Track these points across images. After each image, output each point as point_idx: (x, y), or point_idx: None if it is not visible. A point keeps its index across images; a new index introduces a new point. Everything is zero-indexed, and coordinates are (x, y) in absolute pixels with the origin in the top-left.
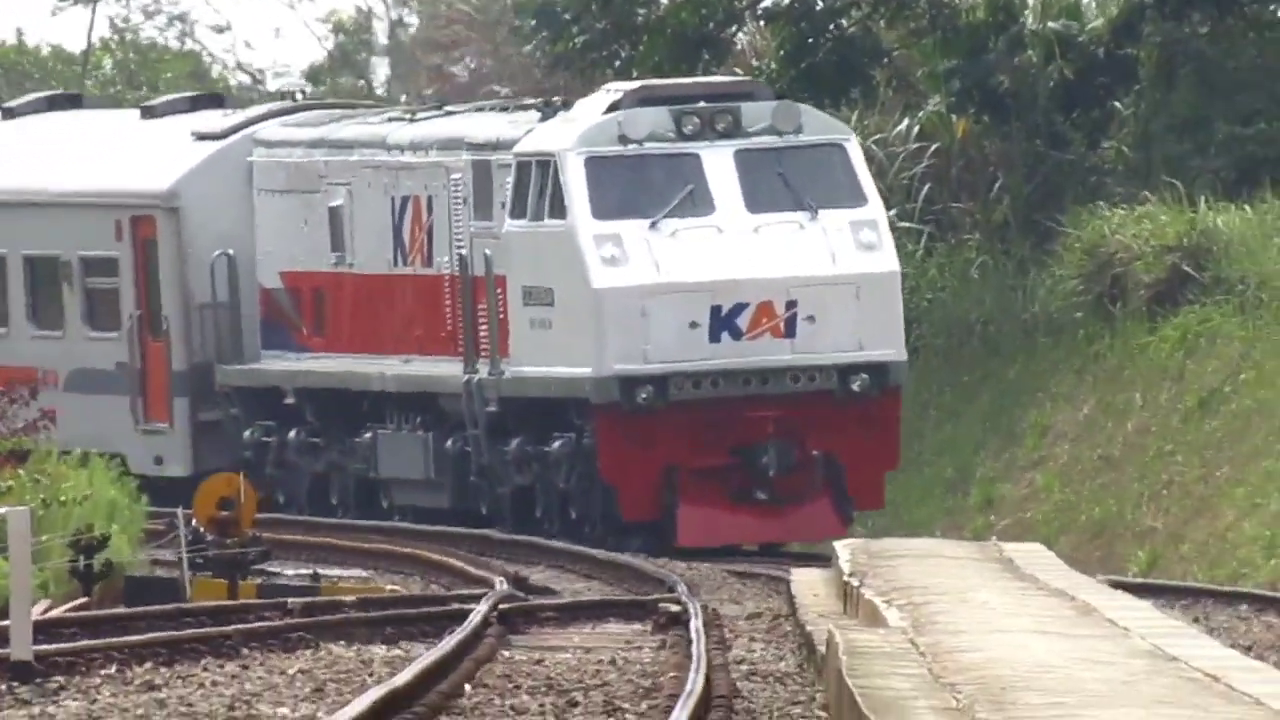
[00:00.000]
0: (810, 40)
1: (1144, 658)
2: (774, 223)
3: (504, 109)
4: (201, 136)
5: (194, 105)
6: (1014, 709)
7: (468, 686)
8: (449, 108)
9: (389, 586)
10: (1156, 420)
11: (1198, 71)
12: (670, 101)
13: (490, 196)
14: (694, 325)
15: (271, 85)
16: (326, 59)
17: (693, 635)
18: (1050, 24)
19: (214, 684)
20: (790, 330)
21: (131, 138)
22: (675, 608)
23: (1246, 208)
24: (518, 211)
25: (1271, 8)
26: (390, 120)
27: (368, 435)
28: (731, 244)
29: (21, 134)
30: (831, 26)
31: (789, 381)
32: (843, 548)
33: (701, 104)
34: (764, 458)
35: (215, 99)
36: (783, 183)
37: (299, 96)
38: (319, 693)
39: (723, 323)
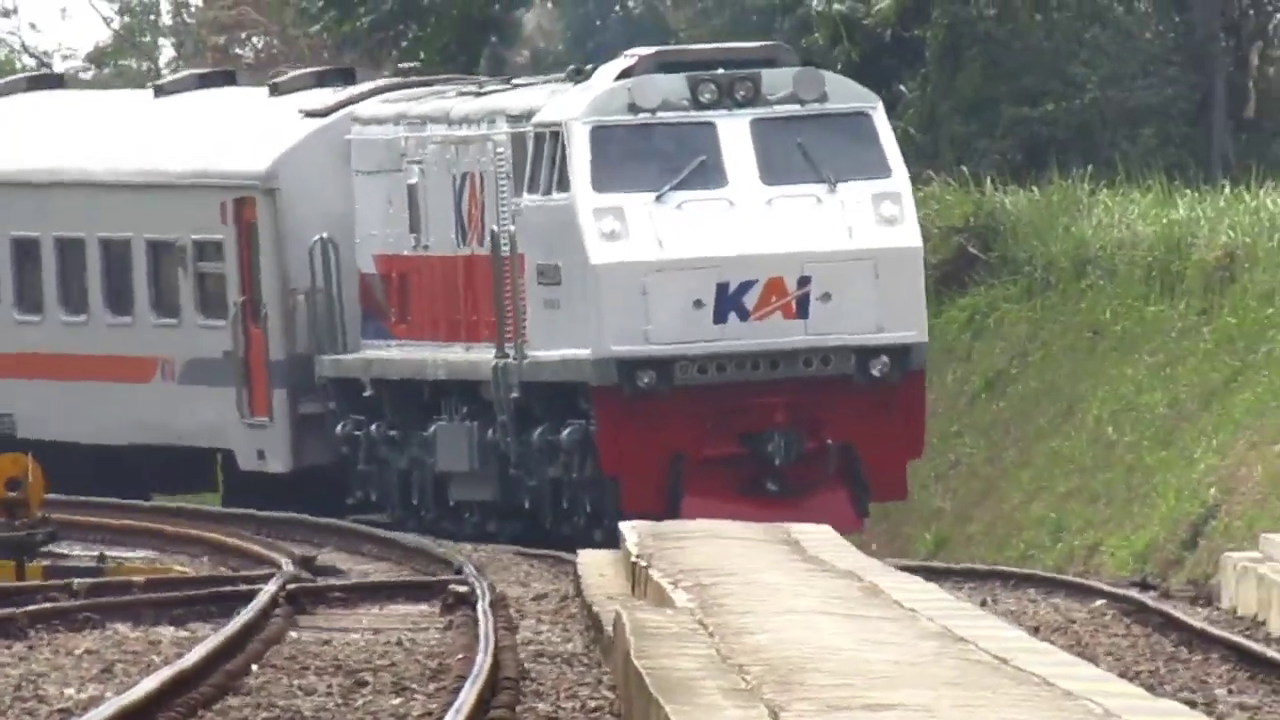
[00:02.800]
0: (598, 21)
1: (932, 639)
2: (789, 195)
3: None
4: (309, 114)
5: (319, 81)
6: (802, 689)
7: (255, 667)
8: (516, 80)
9: (176, 567)
10: (944, 401)
11: (984, 53)
12: (688, 67)
13: (525, 171)
14: (698, 304)
15: (59, 69)
16: (112, 40)
17: (480, 616)
18: (837, 6)
19: (0, 665)
20: (803, 310)
21: (248, 116)
22: (463, 589)
23: (1034, 189)
24: (532, 185)
25: None
26: (460, 94)
27: (432, 428)
28: (742, 218)
29: (154, 113)
30: (618, 7)
31: (801, 365)
32: (629, 529)
33: (720, 71)
34: (770, 446)
35: (346, 74)
36: (801, 153)
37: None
38: (106, 673)
39: (729, 301)
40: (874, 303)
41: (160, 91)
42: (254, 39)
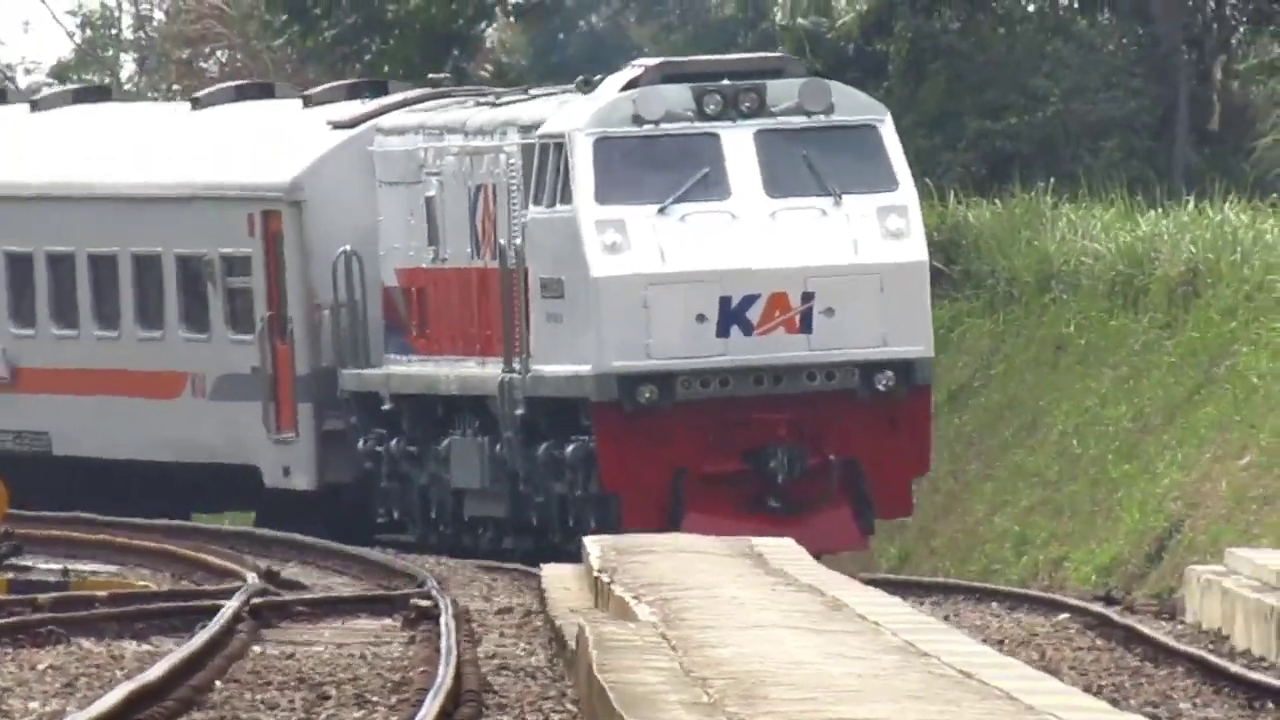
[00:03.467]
0: (561, 36)
1: (895, 653)
2: (793, 208)
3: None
4: (336, 126)
5: (352, 93)
6: (765, 704)
7: (218, 682)
8: (533, 90)
9: (140, 582)
10: None
11: (948, 67)
12: (693, 78)
13: (531, 183)
14: (701, 318)
15: (22, 83)
16: (74, 54)
17: (443, 630)
18: (800, 20)
19: None
20: (806, 324)
21: (279, 129)
22: (426, 603)
23: (997, 202)
24: (538, 197)
25: (1022, 2)
26: (478, 104)
27: (446, 444)
28: (745, 231)
29: (189, 125)
30: (581, 22)
31: (805, 380)
32: (592, 543)
33: (725, 81)
34: (773, 462)
35: (378, 86)
36: (806, 166)
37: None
38: (69, 688)
39: (731, 315)
40: (878, 317)
41: (197, 104)
42: (218, 53)
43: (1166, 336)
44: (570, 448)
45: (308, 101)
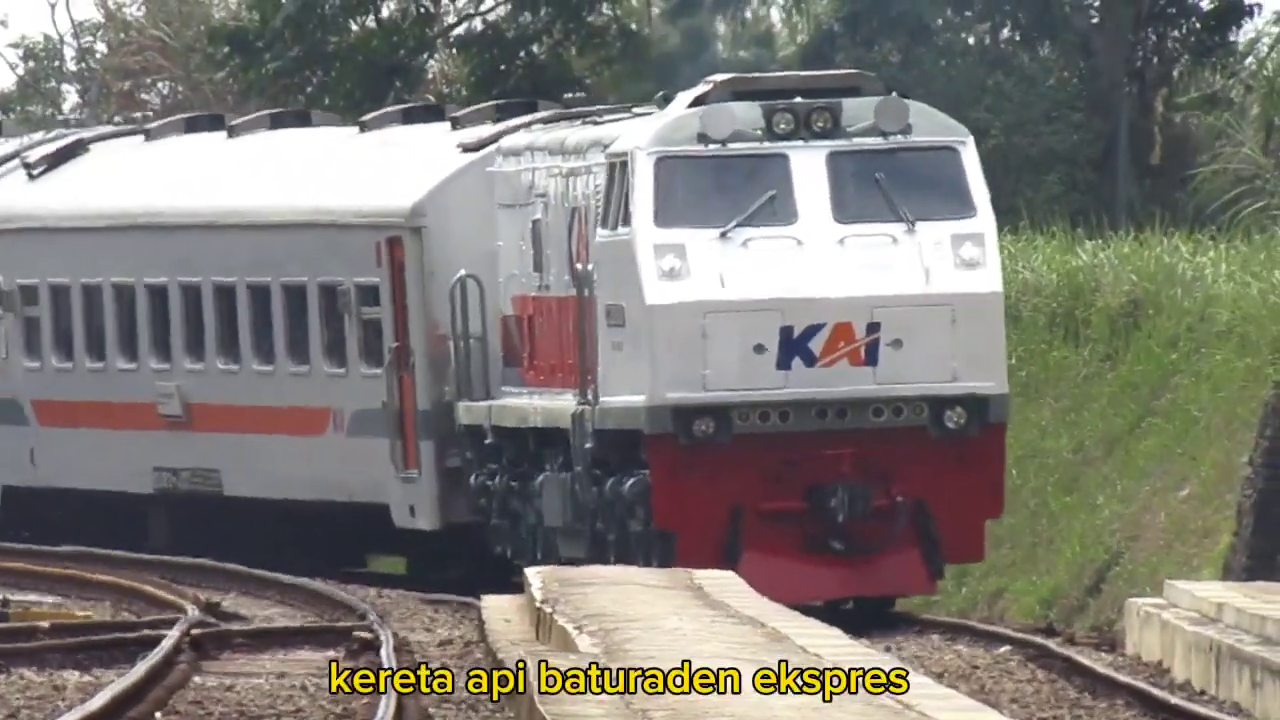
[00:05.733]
0: (502, 67)
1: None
2: (862, 234)
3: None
4: (465, 148)
5: (501, 114)
6: None
7: (158, 714)
8: (636, 109)
9: (80, 612)
10: None
11: None
12: (764, 96)
13: (602, 205)
14: (760, 349)
15: None
16: (17, 85)
17: (384, 661)
18: (741, 52)
19: None
20: (872, 357)
21: (421, 153)
22: (367, 634)
23: None
24: (605, 220)
25: (963, 35)
26: (584, 123)
27: (539, 480)
28: (810, 257)
29: (347, 149)
30: (522, 54)
31: (871, 415)
32: (534, 574)
33: (798, 99)
34: (834, 501)
35: (528, 106)
36: (879, 190)
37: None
38: (12, 718)
39: (793, 346)
40: (950, 350)
41: (364, 127)
42: (159, 85)
43: (1108, 369)
44: (630, 482)
45: (455, 124)
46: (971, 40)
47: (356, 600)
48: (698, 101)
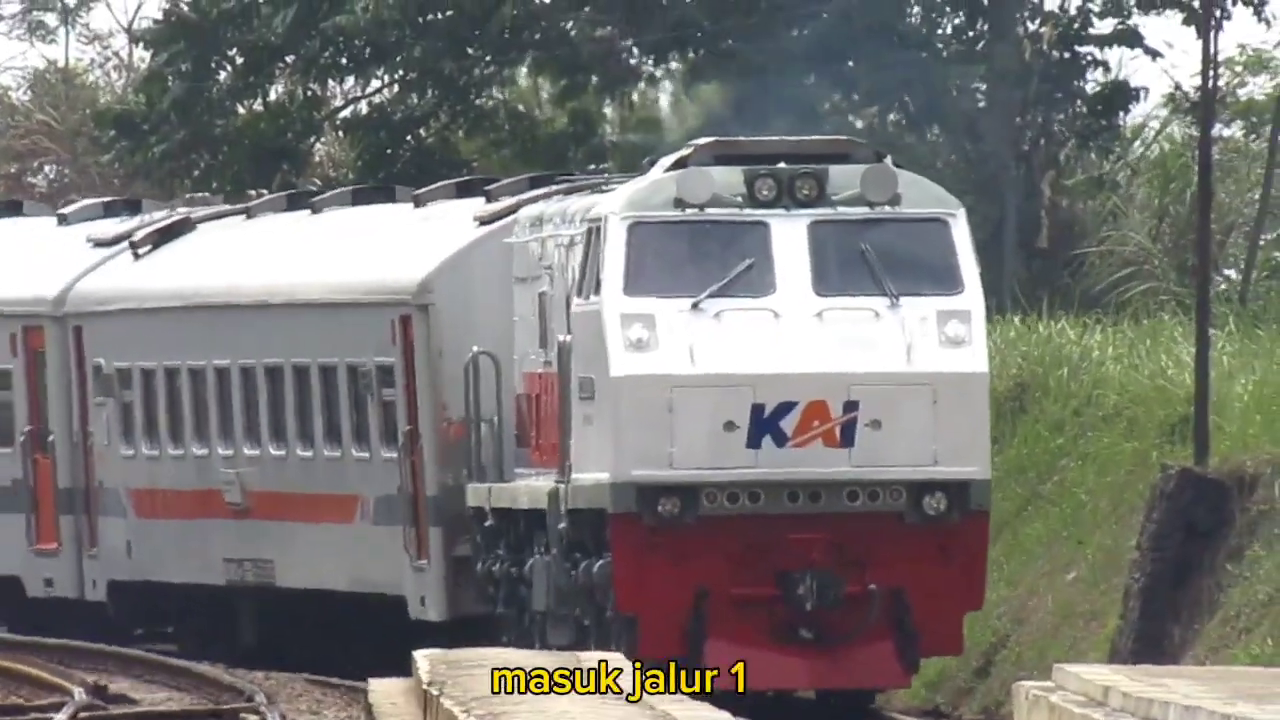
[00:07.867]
0: (390, 150)
1: None
2: (843, 308)
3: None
4: (481, 221)
5: (533, 184)
6: None
7: None
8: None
9: None
10: None
11: None
12: (748, 160)
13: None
14: (730, 426)
15: None
16: None
17: None
18: (630, 136)
19: None
20: (848, 437)
21: (437, 226)
22: (254, 718)
23: None
24: (580, 288)
25: (850, 119)
26: (592, 191)
27: (529, 564)
28: (786, 331)
29: (312, 227)
30: (409, 137)
31: (846, 499)
32: (422, 656)
33: (782, 165)
34: (802, 588)
35: (561, 176)
36: (863, 262)
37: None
38: None
39: (764, 425)
40: (931, 433)
41: (419, 202)
42: (46, 168)
43: (995, 452)
44: (599, 565)
45: (489, 197)
46: (860, 124)
47: (245, 683)
48: (678, 164)
